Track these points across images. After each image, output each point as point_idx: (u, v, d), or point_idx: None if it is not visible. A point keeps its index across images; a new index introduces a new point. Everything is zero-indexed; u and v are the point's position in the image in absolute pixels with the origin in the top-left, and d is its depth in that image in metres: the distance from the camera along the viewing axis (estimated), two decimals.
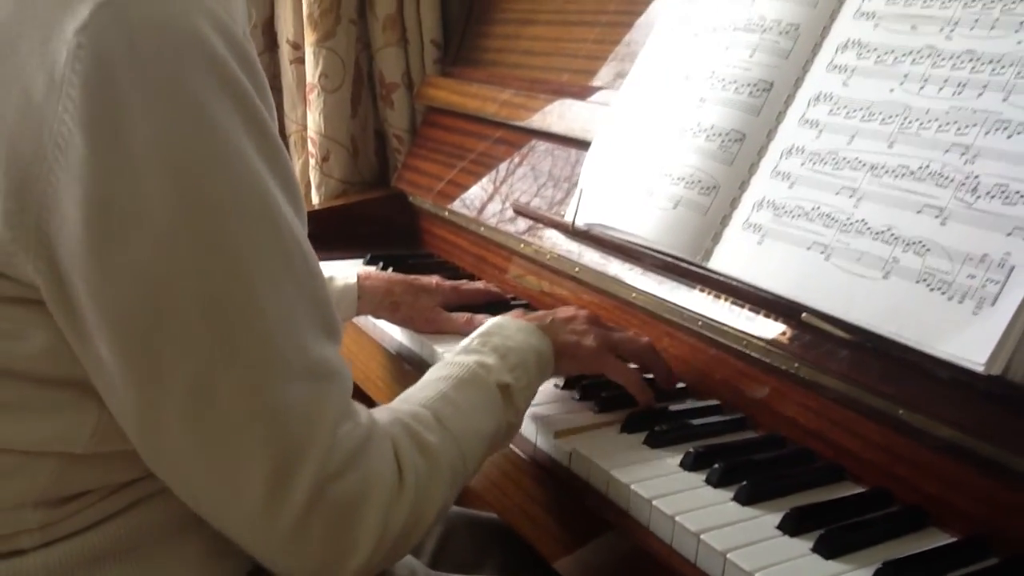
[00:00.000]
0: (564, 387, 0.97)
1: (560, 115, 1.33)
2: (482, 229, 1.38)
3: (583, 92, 1.31)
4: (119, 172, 0.56)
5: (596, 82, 1.31)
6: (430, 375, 0.80)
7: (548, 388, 0.95)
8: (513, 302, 1.24)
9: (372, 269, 1.28)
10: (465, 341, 0.85)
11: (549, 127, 1.34)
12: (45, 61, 0.55)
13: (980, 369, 0.66)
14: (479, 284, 1.26)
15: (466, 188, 1.48)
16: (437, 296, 1.16)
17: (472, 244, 1.43)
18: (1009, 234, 0.68)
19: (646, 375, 0.95)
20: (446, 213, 1.48)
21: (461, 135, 1.56)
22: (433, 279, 1.19)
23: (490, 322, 0.88)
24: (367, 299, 1.14)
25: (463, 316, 1.14)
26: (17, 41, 0.57)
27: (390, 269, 1.40)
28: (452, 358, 0.82)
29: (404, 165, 1.65)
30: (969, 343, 0.67)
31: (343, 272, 1.16)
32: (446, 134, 1.59)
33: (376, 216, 1.60)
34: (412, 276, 1.19)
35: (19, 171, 0.56)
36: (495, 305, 1.21)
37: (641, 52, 1.13)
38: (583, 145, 1.26)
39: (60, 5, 0.56)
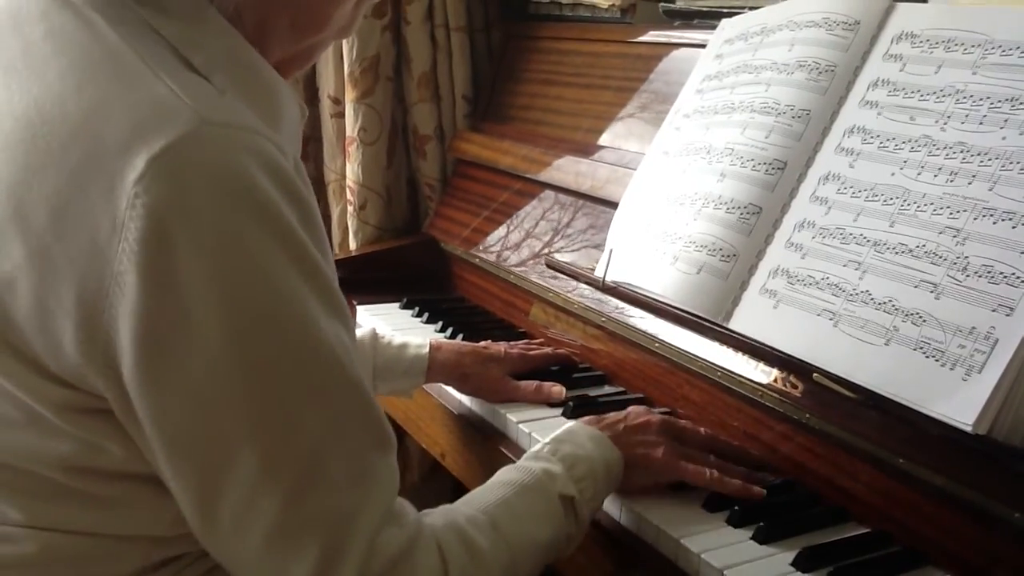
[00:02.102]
0: None
1: (579, 173, 1.44)
2: (512, 277, 1.48)
3: (604, 153, 1.42)
4: (168, 308, 0.61)
5: (617, 143, 1.42)
6: (498, 477, 0.84)
7: None
8: (581, 366, 1.26)
9: (444, 338, 1.31)
10: (537, 447, 0.88)
11: (571, 184, 1.45)
12: (109, 208, 0.61)
13: (968, 429, 0.76)
14: (547, 349, 1.28)
15: (495, 236, 1.59)
16: (506, 365, 1.19)
17: (502, 290, 1.53)
18: (994, 310, 0.78)
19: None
20: (476, 260, 1.58)
21: (490, 186, 1.66)
22: (502, 347, 1.22)
23: (563, 428, 0.91)
24: (437, 370, 1.18)
25: (532, 384, 1.16)
26: (88, 187, 0.62)
27: (426, 315, 1.50)
28: (522, 463, 0.86)
29: (436, 213, 1.76)
30: (959, 405, 0.77)
31: (417, 341, 1.19)
32: (476, 185, 1.70)
33: (410, 261, 1.71)
34: (482, 345, 1.23)
35: (87, 306, 0.62)
36: (563, 370, 1.24)
37: (664, 123, 1.24)
38: (603, 202, 1.37)
39: (122, 156, 0.61)
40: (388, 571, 0.68)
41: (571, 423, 0.94)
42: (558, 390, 1.15)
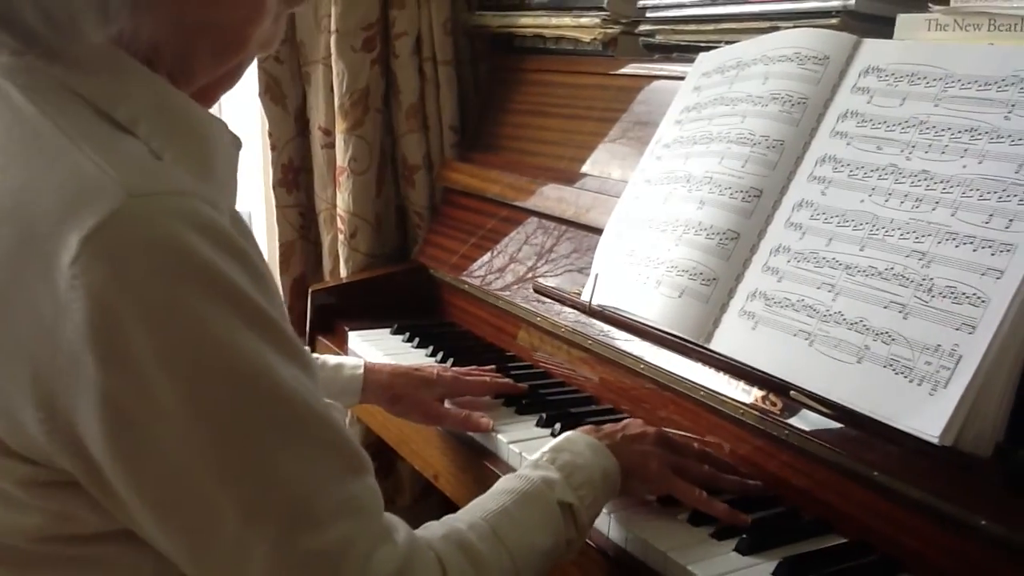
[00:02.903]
0: None
1: (563, 200, 1.49)
2: (500, 302, 1.52)
3: (587, 181, 1.48)
4: (127, 384, 0.61)
5: (599, 171, 1.48)
6: (498, 486, 0.87)
7: None
8: (525, 398, 1.25)
9: (381, 361, 1.32)
10: (537, 455, 0.91)
11: (555, 211, 1.50)
12: (48, 290, 0.60)
13: (935, 440, 0.81)
14: (485, 377, 1.28)
15: (483, 262, 1.63)
16: (437, 388, 1.21)
17: (490, 315, 1.58)
18: (957, 328, 0.83)
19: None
20: (465, 286, 1.63)
21: (477, 214, 1.71)
22: (435, 370, 1.23)
23: (562, 437, 0.94)
24: (370, 391, 1.20)
25: (460, 413, 1.18)
26: (24, 270, 0.61)
27: (416, 339, 1.54)
28: (521, 471, 0.89)
29: (425, 241, 1.80)
30: (927, 419, 0.82)
31: (353, 362, 1.22)
32: (464, 213, 1.75)
33: (400, 287, 1.75)
34: (415, 366, 1.24)
35: (44, 385, 0.62)
36: (509, 403, 1.25)
37: (646, 152, 1.29)
38: (586, 227, 1.42)
39: (53, 238, 0.60)
40: None
41: (570, 433, 0.97)
42: (486, 422, 1.17)
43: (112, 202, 0.61)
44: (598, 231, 1.36)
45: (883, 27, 1.11)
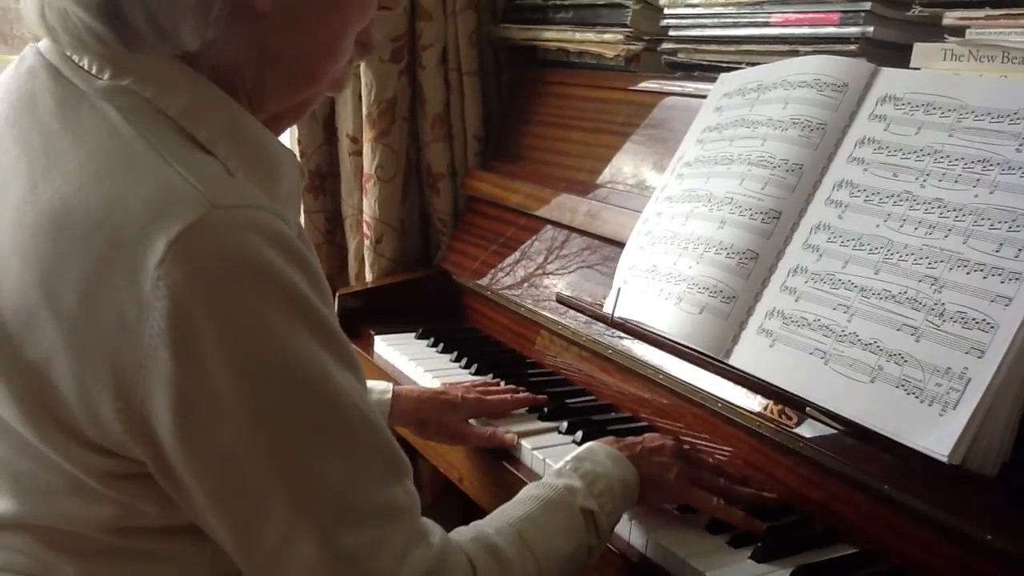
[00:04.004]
0: None
1: (582, 211, 1.54)
2: (521, 309, 1.57)
3: (607, 193, 1.52)
4: (196, 377, 0.67)
5: (619, 185, 1.52)
6: (523, 493, 0.91)
7: None
8: (546, 410, 1.30)
9: (406, 387, 1.35)
10: (560, 464, 0.97)
11: (574, 221, 1.55)
12: (134, 290, 0.66)
13: (944, 459, 0.85)
14: (505, 396, 1.32)
15: (504, 269, 1.68)
16: (463, 411, 1.26)
17: (511, 320, 1.62)
18: (967, 352, 0.88)
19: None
20: (487, 292, 1.67)
21: (499, 222, 1.76)
22: (459, 392, 1.28)
23: (584, 447, 1.00)
24: (398, 416, 1.24)
25: (486, 431, 1.24)
26: (112, 272, 0.67)
27: (441, 344, 1.59)
28: (545, 480, 0.94)
29: (448, 247, 1.85)
30: (936, 438, 0.86)
31: (381, 387, 1.25)
32: (486, 221, 1.80)
33: (423, 292, 1.79)
34: (441, 390, 1.29)
35: (123, 378, 0.68)
36: (532, 409, 1.30)
37: (668, 169, 1.33)
38: (605, 239, 1.46)
39: (142, 242, 0.66)
40: None
41: (591, 443, 1.02)
42: (510, 438, 1.22)
43: (197, 211, 0.67)
44: (615, 242, 1.40)
45: (901, 54, 1.15)
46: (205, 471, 0.71)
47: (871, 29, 1.21)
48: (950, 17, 1.08)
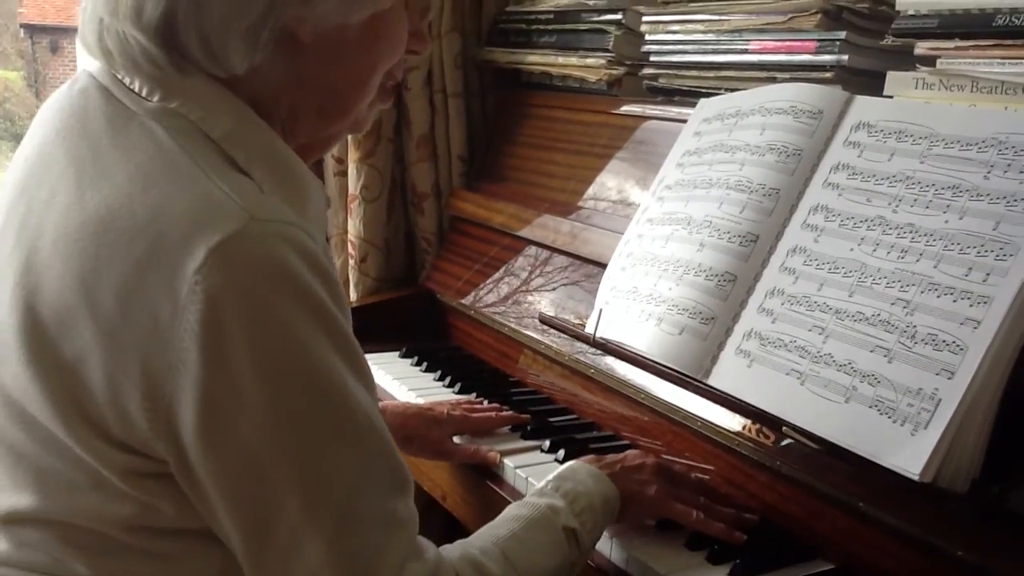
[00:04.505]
0: None
1: (565, 232, 1.57)
2: (505, 328, 1.59)
3: (589, 215, 1.55)
4: (221, 377, 0.72)
5: (601, 206, 1.55)
6: (507, 512, 0.94)
7: None
8: (529, 428, 1.31)
9: (393, 402, 1.36)
10: (542, 483, 0.99)
11: (557, 242, 1.57)
12: (170, 292, 0.71)
13: (916, 478, 0.88)
14: (491, 413, 1.34)
15: (488, 289, 1.70)
16: (448, 427, 1.28)
17: (495, 340, 1.64)
18: (937, 373, 0.90)
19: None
20: (471, 311, 1.69)
21: (483, 242, 1.78)
22: (444, 409, 1.30)
23: (566, 466, 1.02)
24: None
25: (470, 448, 1.26)
26: (151, 275, 0.72)
27: (424, 363, 1.60)
28: (528, 499, 0.97)
29: (433, 267, 1.87)
30: (908, 457, 0.89)
31: None
32: (470, 241, 1.82)
33: (408, 312, 1.81)
34: (427, 406, 1.31)
35: (152, 377, 0.72)
36: (515, 428, 1.32)
37: (648, 192, 1.36)
38: (587, 260, 1.49)
39: (182, 248, 0.71)
40: None
41: (573, 462, 1.04)
42: (493, 456, 1.24)
43: (236, 223, 0.72)
44: (597, 263, 1.43)
45: (875, 82, 1.19)
46: (223, 470, 0.74)
47: (846, 57, 1.24)
48: (921, 47, 1.12)
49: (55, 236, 0.77)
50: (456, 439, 1.30)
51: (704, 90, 1.44)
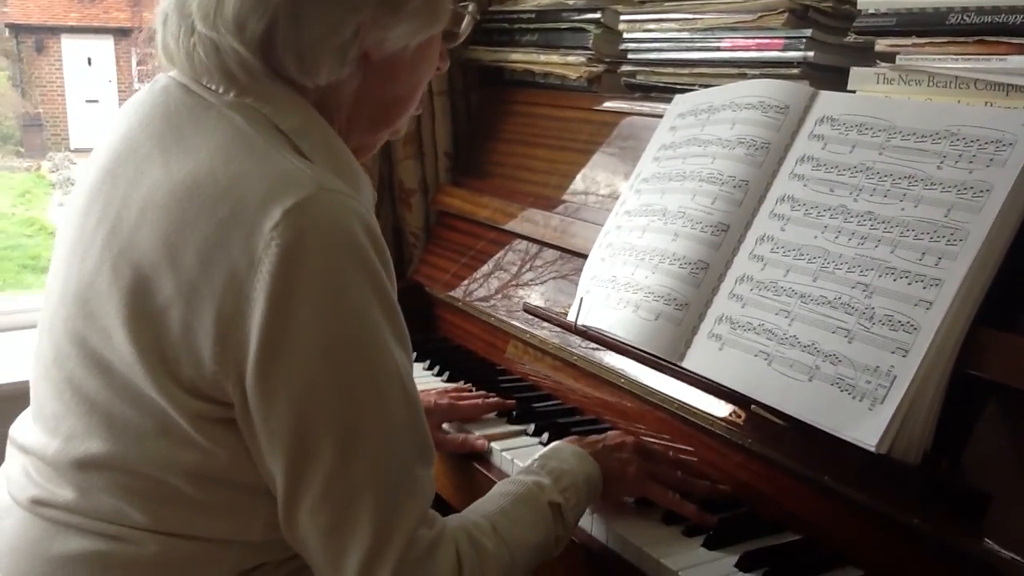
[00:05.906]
0: None
1: (548, 224, 1.61)
2: (491, 319, 1.64)
3: (571, 207, 1.60)
4: (284, 325, 0.80)
5: (582, 199, 1.60)
6: (496, 489, 1.00)
7: None
8: (515, 410, 1.38)
9: (431, 376, 1.42)
10: (528, 462, 1.06)
11: (541, 235, 1.62)
12: (248, 249, 0.80)
13: (872, 449, 0.93)
14: (477, 400, 1.40)
15: (474, 281, 1.75)
16: (435, 416, 1.31)
17: (482, 330, 1.69)
18: (893, 352, 0.96)
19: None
20: (458, 303, 1.74)
21: (469, 236, 1.83)
22: (432, 399, 1.35)
23: (550, 447, 1.09)
24: None
25: (459, 437, 1.32)
26: (232, 234, 0.81)
27: (414, 354, 1.65)
28: (515, 476, 1.03)
29: (421, 261, 1.92)
30: (865, 430, 0.94)
31: None
32: (457, 235, 1.87)
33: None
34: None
35: (224, 324, 0.81)
36: (502, 413, 1.38)
37: (626, 184, 1.41)
38: (569, 251, 1.54)
39: (261, 210, 0.80)
40: (420, 561, 0.85)
41: (557, 443, 1.10)
42: (481, 443, 1.29)
43: (309, 189, 0.82)
44: (579, 254, 1.48)
45: (839, 77, 1.24)
46: (272, 410, 0.81)
47: (812, 54, 1.30)
48: (881, 44, 1.17)
49: (142, 205, 0.86)
50: (445, 426, 1.35)
51: (679, 86, 1.49)
